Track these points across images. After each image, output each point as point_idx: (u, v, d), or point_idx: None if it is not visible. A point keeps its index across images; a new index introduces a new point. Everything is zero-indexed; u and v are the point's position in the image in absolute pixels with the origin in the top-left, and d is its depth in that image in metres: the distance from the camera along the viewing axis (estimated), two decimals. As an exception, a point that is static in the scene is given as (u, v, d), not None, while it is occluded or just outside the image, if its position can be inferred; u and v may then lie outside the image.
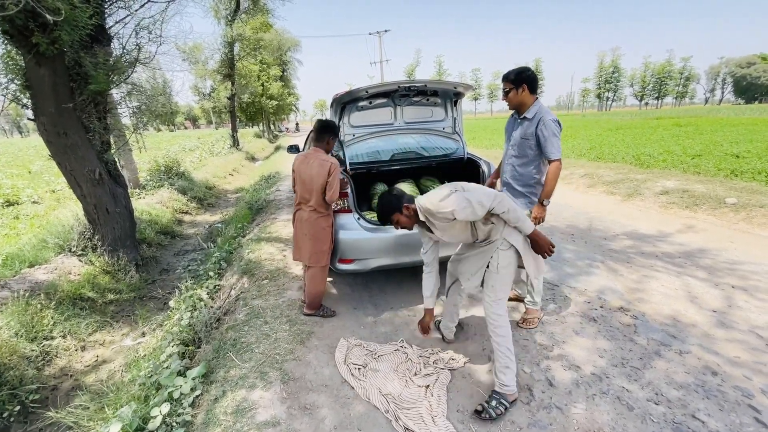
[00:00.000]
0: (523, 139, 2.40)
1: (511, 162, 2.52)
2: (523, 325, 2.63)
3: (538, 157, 2.37)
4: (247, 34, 17.03)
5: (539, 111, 2.32)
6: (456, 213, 1.76)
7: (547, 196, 2.35)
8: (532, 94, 2.36)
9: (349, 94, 2.93)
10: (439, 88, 3.19)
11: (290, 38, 39.45)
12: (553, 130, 2.26)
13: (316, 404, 2.03)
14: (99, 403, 2.26)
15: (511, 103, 2.42)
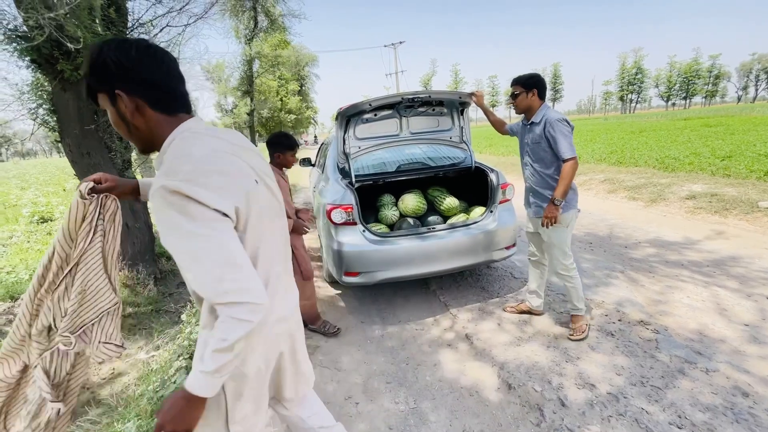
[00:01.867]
0: (535, 144, 2.40)
1: (530, 168, 2.51)
2: (575, 336, 2.51)
3: (554, 158, 2.35)
4: (265, 52, 17.68)
5: (545, 113, 2.34)
6: None
7: (560, 196, 2.28)
8: (540, 99, 2.38)
9: (354, 107, 2.95)
10: (443, 98, 3.16)
11: (308, 54, 40.59)
12: (560, 129, 2.24)
13: (317, 422, 1.99)
14: (109, 417, 2.30)
15: (519, 106, 2.43)
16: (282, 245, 1.07)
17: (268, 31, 17.30)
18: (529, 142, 2.45)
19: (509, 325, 2.80)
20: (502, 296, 3.25)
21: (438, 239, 2.91)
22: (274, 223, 1.01)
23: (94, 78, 0.83)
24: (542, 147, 2.36)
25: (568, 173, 2.25)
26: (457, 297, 3.29)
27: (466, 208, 3.51)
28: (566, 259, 2.46)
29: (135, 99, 0.83)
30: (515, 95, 2.42)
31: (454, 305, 3.16)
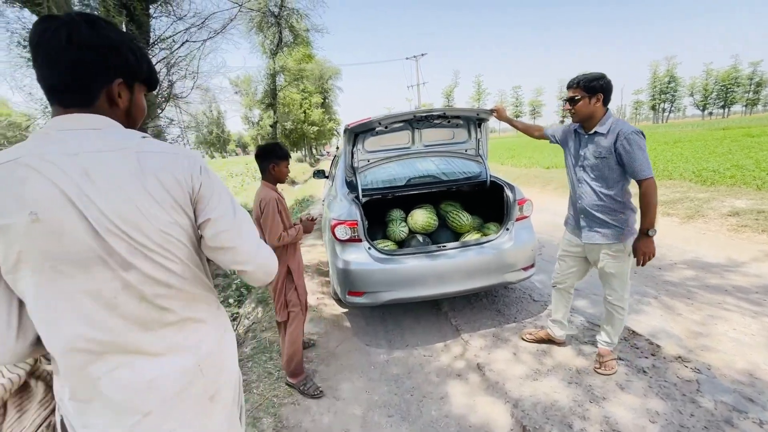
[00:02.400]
0: (600, 159, 2.02)
1: (587, 186, 2.13)
2: (603, 371, 2.26)
3: (621, 177, 2.01)
4: (289, 66, 18.11)
5: (615, 124, 1.97)
6: None
7: (652, 225, 1.95)
8: (604, 105, 2.02)
9: (363, 125, 2.83)
10: (459, 114, 2.99)
11: (331, 67, 41.52)
12: (638, 143, 1.89)
13: (307, 460, 1.83)
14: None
15: (579, 114, 2.04)
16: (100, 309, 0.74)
17: (291, 46, 17.73)
18: (589, 155, 2.07)
19: (526, 355, 2.55)
20: (519, 321, 2.99)
21: (448, 258, 2.72)
22: (75, 278, 0.72)
23: None
24: (608, 163, 1.99)
25: (652, 194, 1.93)
26: (470, 321, 3.05)
27: (481, 225, 3.30)
28: (625, 290, 2.18)
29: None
30: (574, 100, 2.02)
31: (466, 330, 2.93)
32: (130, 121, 0.85)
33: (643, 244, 1.98)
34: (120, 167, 0.72)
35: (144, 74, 0.85)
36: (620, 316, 2.22)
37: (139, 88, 0.86)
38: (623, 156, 1.93)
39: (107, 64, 0.76)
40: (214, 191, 0.83)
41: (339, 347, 2.83)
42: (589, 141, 2.08)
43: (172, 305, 0.82)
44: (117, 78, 0.78)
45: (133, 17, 4.25)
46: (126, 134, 0.78)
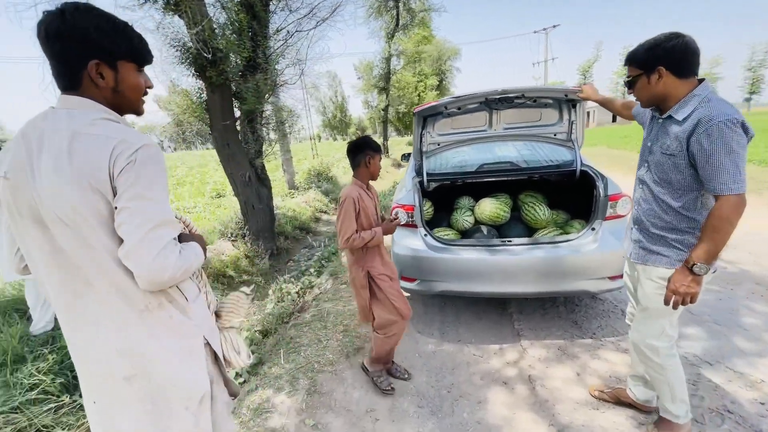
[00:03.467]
0: (667, 155, 1.44)
1: (646, 190, 1.58)
2: None
3: (694, 185, 1.40)
4: (406, 49, 18.32)
5: (700, 106, 1.33)
6: None
7: (706, 259, 1.34)
8: (681, 78, 1.37)
9: (430, 108, 2.69)
10: (540, 96, 2.57)
11: (450, 47, 40.34)
12: (725, 139, 1.25)
13: (328, 427, 1.94)
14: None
15: (642, 99, 1.50)
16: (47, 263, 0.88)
17: (408, 28, 17.81)
18: (656, 148, 1.49)
19: (593, 378, 2.16)
20: (598, 338, 2.53)
21: (512, 255, 2.44)
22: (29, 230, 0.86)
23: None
24: (676, 163, 1.41)
25: (728, 218, 1.29)
26: (536, 327, 2.72)
27: (566, 221, 2.86)
28: (662, 339, 1.58)
29: None
30: (630, 83, 1.50)
31: (528, 336, 2.62)
32: (119, 97, 0.92)
33: (679, 279, 1.40)
34: (55, 146, 0.81)
35: (125, 52, 0.89)
36: (660, 376, 1.60)
37: (125, 65, 0.90)
38: (697, 156, 1.32)
39: (78, 49, 0.84)
40: (134, 182, 0.82)
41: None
42: (660, 129, 1.49)
43: (90, 281, 0.88)
44: (91, 59, 0.85)
45: (255, 14, 4.86)
46: (82, 116, 0.84)
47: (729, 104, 1.30)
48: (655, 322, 1.58)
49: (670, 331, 1.57)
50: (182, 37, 4.23)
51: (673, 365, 1.59)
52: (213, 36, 4.19)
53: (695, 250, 1.37)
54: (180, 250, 0.91)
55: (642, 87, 1.46)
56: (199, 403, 1.01)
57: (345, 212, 1.91)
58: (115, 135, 0.83)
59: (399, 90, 28.89)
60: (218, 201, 10.09)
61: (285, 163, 9.05)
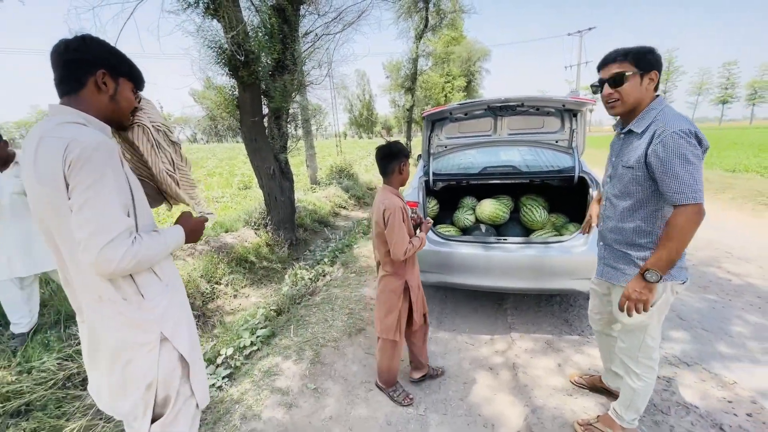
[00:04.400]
0: (626, 168, 1.47)
1: (610, 205, 1.62)
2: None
3: (653, 198, 1.45)
4: (435, 49, 18.38)
5: (658, 119, 1.38)
6: None
7: (662, 267, 1.38)
8: (655, 90, 1.43)
9: (438, 113, 2.90)
10: (540, 105, 2.73)
11: (480, 48, 39.95)
12: (679, 149, 1.29)
13: (327, 391, 2.21)
14: (210, 334, 3.10)
15: (626, 99, 1.43)
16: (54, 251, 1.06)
17: (437, 30, 17.89)
18: (618, 163, 1.55)
19: (573, 370, 2.32)
20: (584, 335, 2.68)
21: (505, 252, 2.62)
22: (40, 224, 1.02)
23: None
24: (635, 175, 1.44)
25: (684, 229, 1.33)
26: (527, 322, 2.89)
27: (564, 224, 3.00)
28: (643, 350, 1.59)
29: None
30: (622, 78, 1.40)
31: (519, 330, 2.80)
32: (114, 104, 1.09)
33: (633, 286, 1.45)
34: (28, 151, 0.95)
35: (127, 72, 1.11)
36: (638, 385, 1.63)
37: (124, 82, 1.11)
38: (654, 166, 1.35)
39: (91, 60, 1.03)
40: (83, 179, 0.91)
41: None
42: (622, 144, 1.54)
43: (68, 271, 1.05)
44: (100, 69, 1.04)
45: (285, 18, 5.20)
46: (53, 120, 0.97)
47: (683, 116, 1.36)
48: (633, 336, 1.61)
49: (650, 342, 1.58)
50: (219, 39, 4.62)
51: (648, 377, 1.62)
52: (247, 39, 4.55)
53: (651, 260, 1.40)
54: (135, 240, 0.98)
55: (633, 87, 1.40)
56: (146, 389, 1.10)
57: (396, 223, 1.82)
58: (69, 135, 0.93)
59: (426, 90, 28.92)
60: (245, 192, 10.61)
61: (309, 158, 9.44)
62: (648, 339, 1.58)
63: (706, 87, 69.50)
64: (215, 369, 2.39)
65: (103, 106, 1.07)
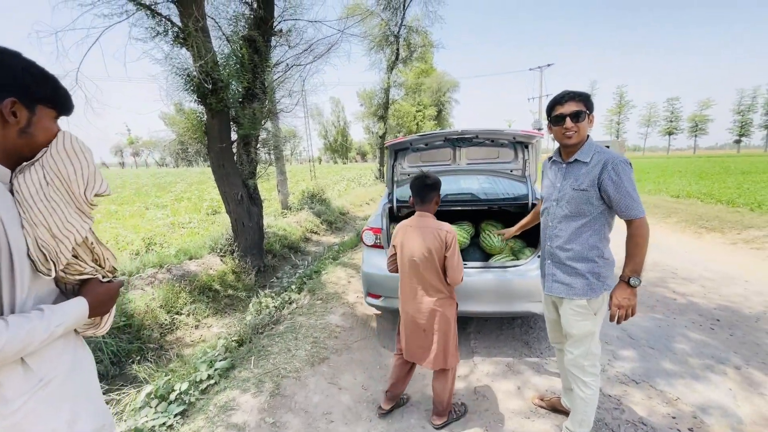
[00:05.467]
0: (579, 191, 1.68)
1: (558, 224, 1.79)
2: None
3: (601, 216, 1.68)
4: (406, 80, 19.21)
5: (600, 151, 1.66)
6: None
7: (640, 270, 1.61)
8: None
9: (399, 144, 3.04)
10: (494, 137, 2.93)
11: (450, 80, 42.04)
12: (628, 174, 1.59)
13: (286, 425, 2.14)
14: (165, 369, 2.95)
15: (581, 134, 1.67)
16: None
17: (407, 62, 18.76)
18: (567, 186, 1.73)
19: (531, 392, 2.38)
20: (543, 357, 2.76)
21: (465, 277, 2.70)
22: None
23: None
24: (588, 196, 1.66)
25: (646, 236, 1.60)
26: (489, 346, 2.95)
27: (521, 249, 3.14)
28: (589, 358, 1.75)
29: None
30: (580, 115, 1.64)
31: (481, 354, 2.85)
32: (25, 138, 0.86)
33: (621, 295, 1.62)
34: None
35: (47, 98, 0.89)
36: (584, 394, 1.76)
37: (43, 110, 0.88)
38: (610, 190, 1.60)
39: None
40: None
41: (356, 343, 3.08)
42: (568, 171, 1.75)
43: None
44: (9, 97, 0.81)
45: (256, 48, 5.32)
46: None
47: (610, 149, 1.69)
48: (581, 345, 1.75)
49: (594, 350, 1.75)
50: (187, 67, 4.65)
51: (594, 385, 1.76)
52: (215, 68, 4.61)
53: (626, 268, 1.61)
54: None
55: (585, 124, 1.66)
56: None
57: (457, 248, 1.90)
58: None
59: (398, 119, 29.82)
60: (213, 217, 10.35)
61: (280, 184, 9.41)
62: (593, 347, 1.75)
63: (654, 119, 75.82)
64: (167, 406, 2.26)
65: (9, 143, 0.84)
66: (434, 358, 2.01)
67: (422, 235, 1.92)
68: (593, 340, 1.74)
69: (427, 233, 1.92)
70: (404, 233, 2.00)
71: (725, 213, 7.09)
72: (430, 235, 1.91)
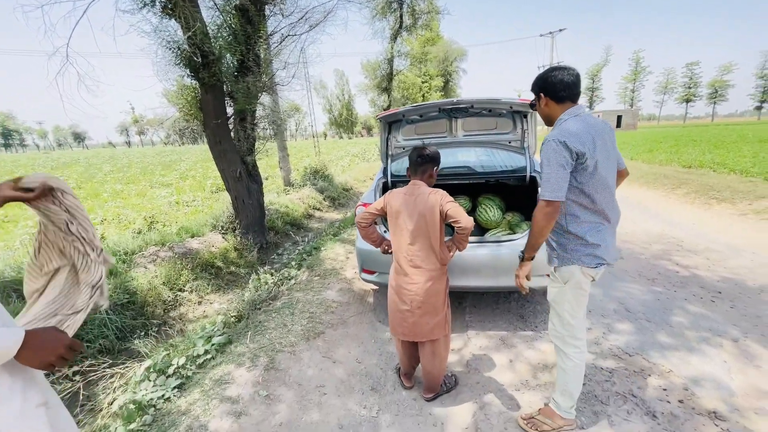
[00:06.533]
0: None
1: None
2: (524, 426, 1.89)
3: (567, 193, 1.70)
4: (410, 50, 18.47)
5: (555, 128, 1.63)
6: None
7: (527, 249, 1.69)
8: (559, 103, 1.63)
9: (392, 115, 2.93)
10: (489, 107, 2.80)
11: (457, 48, 40.52)
12: (546, 154, 1.55)
13: (279, 398, 2.19)
14: (165, 344, 3.02)
15: (542, 116, 1.77)
16: None
17: (411, 30, 18.00)
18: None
19: (523, 364, 2.39)
20: (538, 331, 2.76)
21: (460, 252, 2.67)
22: None
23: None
24: None
25: (537, 220, 1.58)
26: (484, 320, 2.95)
27: (519, 223, 3.08)
28: (567, 329, 1.75)
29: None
30: (535, 104, 1.76)
31: (476, 327, 2.86)
32: None
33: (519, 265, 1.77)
34: None
35: None
36: (562, 363, 1.77)
37: None
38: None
39: None
40: None
41: (352, 318, 3.11)
42: None
43: None
44: None
45: (249, 18, 5.11)
46: None
47: (569, 128, 1.54)
48: (555, 313, 1.78)
49: (570, 320, 1.72)
50: (177, 39, 4.50)
51: (576, 358, 1.74)
52: (206, 40, 4.45)
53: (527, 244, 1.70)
54: None
55: (540, 108, 1.72)
56: None
57: (452, 200, 1.88)
58: None
59: (404, 90, 29.01)
60: (217, 195, 10.38)
61: (281, 160, 9.33)
62: (567, 316, 1.73)
63: (671, 86, 72.56)
64: (165, 380, 2.33)
65: None
66: (419, 329, 1.98)
67: (415, 203, 1.90)
68: (564, 309, 1.73)
69: (420, 201, 1.89)
70: (398, 201, 1.96)
71: (738, 183, 6.86)
72: (422, 202, 1.88)
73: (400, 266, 2.00)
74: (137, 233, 5.66)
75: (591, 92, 69.82)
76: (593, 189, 1.57)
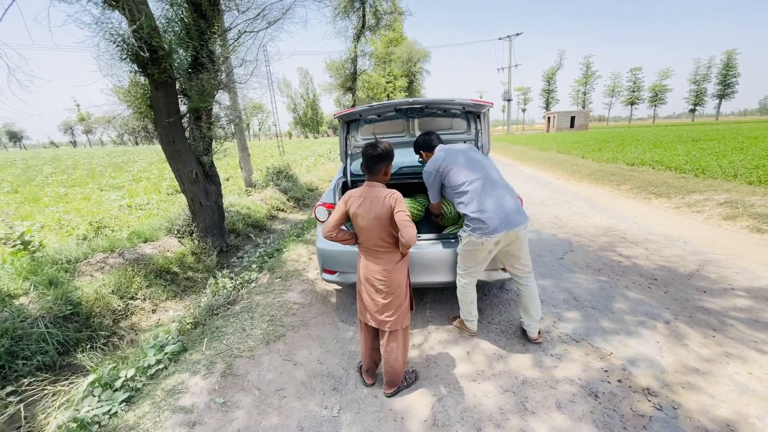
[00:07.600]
0: None
1: None
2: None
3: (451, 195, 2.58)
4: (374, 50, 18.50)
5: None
6: None
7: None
8: (429, 152, 2.74)
9: (349, 114, 2.93)
10: (445, 107, 2.88)
11: (420, 50, 41.13)
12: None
13: (237, 404, 2.13)
14: (113, 356, 2.85)
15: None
16: None
17: (374, 30, 18.04)
18: None
19: (479, 356, 2.48)
20: (495, 324, 2.87)
21: (417, 249, 2.73)
22: None
23: None
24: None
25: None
26: (444, 314, 3.03)
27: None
28: (459, 269, 2.57)
29: None
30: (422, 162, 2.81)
31: (436, 322, 2.93)
32: None
33: None
34: None
35: None
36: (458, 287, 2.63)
37: None
38: None
39: None
40: None
41: (314, 319, 3.08)
42: None
43: None
44: None
45: (202, 13, 4.90)
46: None
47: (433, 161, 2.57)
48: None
49: (462, 266, 2.54)
50: (123, 33, 4.23)
51: (462, 289, 2.58)
52: (155, 34, 4.22)
53: None
54: None
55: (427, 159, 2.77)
56: None
57: (404, 206, 1.87)
58: None
59: (369, 90, 29.02)
60: (173, 197, 9.90)
61: (242, 160, 9.04)
62: (459, 262, 2.56)
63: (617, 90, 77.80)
64: (112, 393, 2.20)
65: None
66: (385, 318, 2.06)
67: (371, 206, 1.94)
68: (459, 259, 2.55)
69: (376, 203, 1.92)
70: (355, 205, 1.99)
71: (673, 179, 7.49)
72: (378, 204, 1.92)
73: (366, 256, 2.08)
74: (82, 239, 5.28)
75: (547, 94, 73.47)
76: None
